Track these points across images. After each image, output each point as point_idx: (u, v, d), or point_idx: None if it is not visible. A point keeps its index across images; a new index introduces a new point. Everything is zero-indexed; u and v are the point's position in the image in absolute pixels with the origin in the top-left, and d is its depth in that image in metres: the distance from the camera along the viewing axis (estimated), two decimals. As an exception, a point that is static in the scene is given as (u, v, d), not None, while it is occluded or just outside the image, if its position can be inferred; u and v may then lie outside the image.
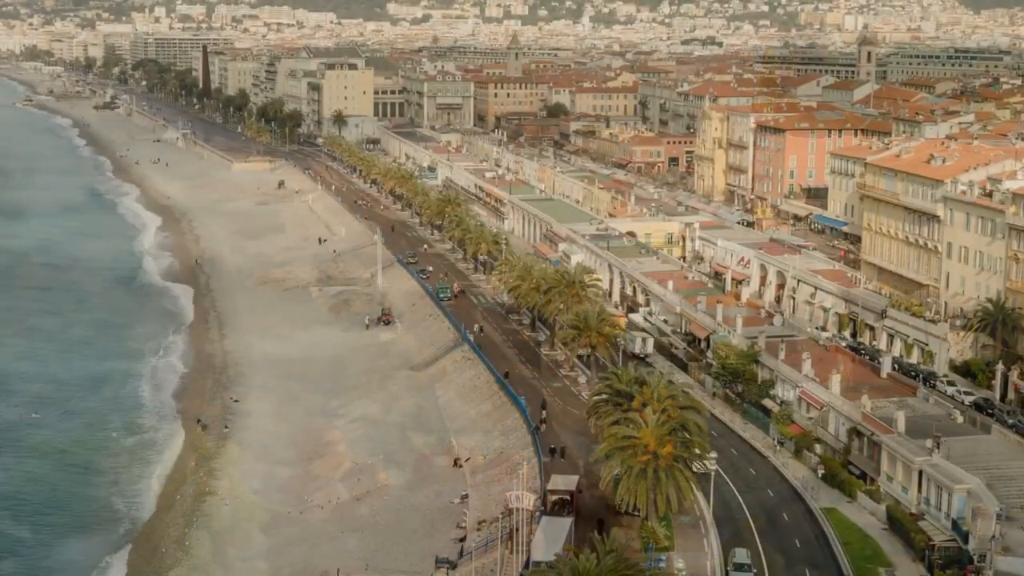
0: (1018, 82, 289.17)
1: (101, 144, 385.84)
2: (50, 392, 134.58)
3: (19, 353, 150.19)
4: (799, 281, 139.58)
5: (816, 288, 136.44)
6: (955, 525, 78.93)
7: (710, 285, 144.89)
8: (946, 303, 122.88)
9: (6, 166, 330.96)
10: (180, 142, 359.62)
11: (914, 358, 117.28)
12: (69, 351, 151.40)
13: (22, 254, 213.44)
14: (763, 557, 78.66)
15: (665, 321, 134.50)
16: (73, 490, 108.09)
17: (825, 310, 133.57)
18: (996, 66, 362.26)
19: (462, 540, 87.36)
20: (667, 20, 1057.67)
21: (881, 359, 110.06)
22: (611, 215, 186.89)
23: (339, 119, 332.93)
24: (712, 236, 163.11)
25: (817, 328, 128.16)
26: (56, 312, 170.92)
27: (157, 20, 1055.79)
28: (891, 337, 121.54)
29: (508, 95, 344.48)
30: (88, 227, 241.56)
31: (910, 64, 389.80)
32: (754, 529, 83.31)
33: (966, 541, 76.06)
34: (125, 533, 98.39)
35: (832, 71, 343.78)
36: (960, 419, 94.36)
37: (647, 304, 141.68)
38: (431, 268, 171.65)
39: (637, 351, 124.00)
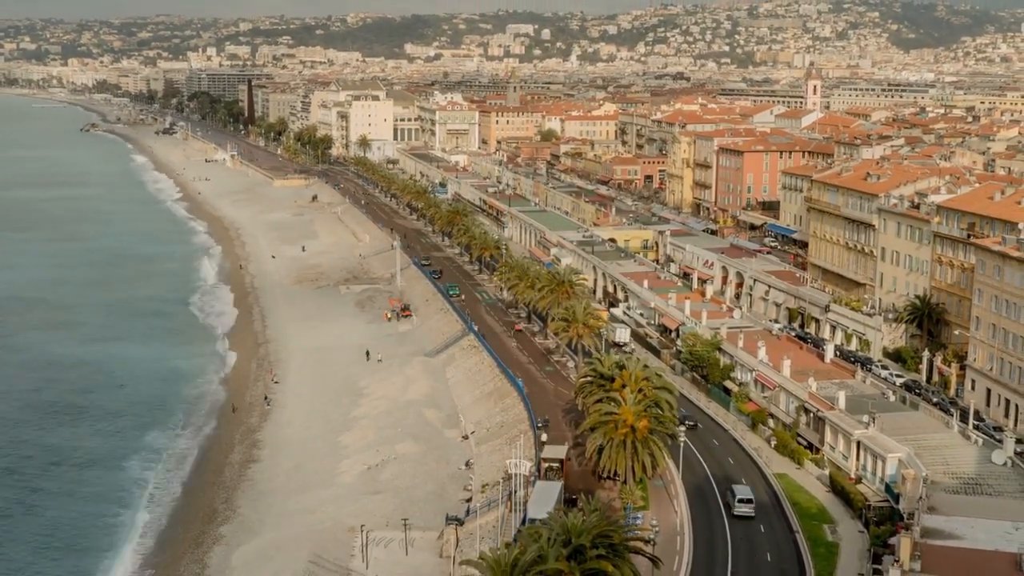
0: (942, 111, 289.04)
1: (161, 163, 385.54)
2: (112, 371, 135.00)
3: (70, 338, 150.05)
4: (755, 280, 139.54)
5: (769, 287, 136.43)
6: (888, 488, 79.02)
7: (679, 284, 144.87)
8: (880, 299, 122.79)
9: (72, 179, 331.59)
10: (228, 162, 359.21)
11: (853, 346, 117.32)
12: (129, 338, 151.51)
13: (95, 251, 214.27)
14: (725, 517, 78.57)
15: (641, 314, 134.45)
16: (131, 448, 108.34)
17: (777, 305, 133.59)
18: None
19: (468, 501, 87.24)
20: (643, 59, 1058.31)
21: (825, 347, 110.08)
22: (595, 224, 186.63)
23: (364, 143, 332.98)
24: (681, 242, 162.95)
25: (770, 320, 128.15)
26: (129, 305, 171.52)
27: (209, 58, 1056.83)
28: (833, 328, 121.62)
29: (508, 122, 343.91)
30: (148, 231, 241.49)
31: (850, 95, 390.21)
32: (717, 492, 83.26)
33: (897, 501, 76.01)
34: (179, 494, 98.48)
35: (783, 102, 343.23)
36: (892, 398, 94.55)
37: (626, 300, 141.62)
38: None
39: (617, 340, 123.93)
